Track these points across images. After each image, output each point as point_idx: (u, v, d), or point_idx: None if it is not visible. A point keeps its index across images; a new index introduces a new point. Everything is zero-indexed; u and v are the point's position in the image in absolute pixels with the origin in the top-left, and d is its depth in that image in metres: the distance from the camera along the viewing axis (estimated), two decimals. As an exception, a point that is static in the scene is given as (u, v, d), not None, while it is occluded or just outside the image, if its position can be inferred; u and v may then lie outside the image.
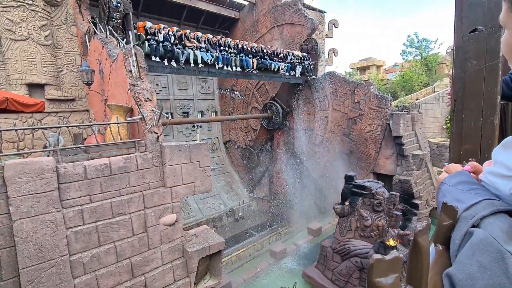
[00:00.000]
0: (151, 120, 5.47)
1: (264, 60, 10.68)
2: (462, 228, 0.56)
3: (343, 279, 7.18)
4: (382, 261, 0.46)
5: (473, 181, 0.75)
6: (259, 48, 10.79)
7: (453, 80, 1.06)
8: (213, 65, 9.14)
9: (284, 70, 11.41)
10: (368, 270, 0.47)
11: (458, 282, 0.47)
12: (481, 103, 0.95)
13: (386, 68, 36.21)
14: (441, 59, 24.36)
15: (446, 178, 0.80)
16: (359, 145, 11.86)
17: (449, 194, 0.72)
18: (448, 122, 15.96)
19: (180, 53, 8.12)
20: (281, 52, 11.49)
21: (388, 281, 0.45)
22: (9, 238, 3.86)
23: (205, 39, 9.12)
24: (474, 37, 0.94)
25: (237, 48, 10.08)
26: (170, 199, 5.45)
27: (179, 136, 16.51)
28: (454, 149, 1.00)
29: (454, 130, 1.02)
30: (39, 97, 9.56)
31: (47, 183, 4.07)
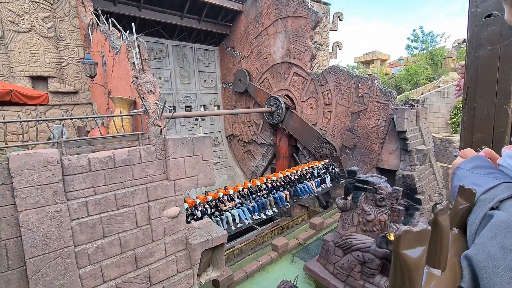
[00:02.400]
0: (154, 113, 5.47)
1: (296, 188, 10.58)
2: (480, 211, 0.55)
3: (345, 273, 7.22)
4: (410, 233, 0.45)
5: (490, 165, 0.73)
6: (285, 177, 10.68)
7: (466, 67, 1.03)
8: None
9: (316, 192, 11.33)
10: (395, 241, 0.46)
11: (478, 263, 0.45)
12: (495, 91, 0.92)
13: (390, 62, 35.78)
14: (447, 53, 23.99)
15: (462, 163, 0.78)
16: (362, 140, 11.80)
17: (465, 178, 0.71)
18: (453, 117, 15.80)
19: (220, 221, 8.10)
20: (307, 171, 11.46)
21: (415, 254, 0.44)
22: (15, 228, 3.91)
23: (237, 195, 9.12)
24: (489, 22, 0.91)
25: (268, 187, 10.00)
26: (173, 192, 5.48)
27: (181, 130, 16.55)
28: (465, 137, 0.98)
29: (466, 118, 1.00)
30: (42, 89, 9.58)
31: (52, 175, 4.10)
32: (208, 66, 17.62)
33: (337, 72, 12.24)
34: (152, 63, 14.43)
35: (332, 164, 12.58)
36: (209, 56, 17.59)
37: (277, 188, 10.29)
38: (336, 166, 12.64)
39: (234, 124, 17.88)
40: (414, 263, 0.43)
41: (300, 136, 13.83)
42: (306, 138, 13.66)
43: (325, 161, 12.57)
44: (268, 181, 10.29)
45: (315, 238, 10.12)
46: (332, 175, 12.12)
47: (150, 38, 14.52)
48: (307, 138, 13.60)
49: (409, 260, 0.43)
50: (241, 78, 16.22)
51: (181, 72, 16.25)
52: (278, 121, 14.16)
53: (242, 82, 16.21)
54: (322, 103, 12.98)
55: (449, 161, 14.19)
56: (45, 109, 9.73)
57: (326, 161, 12.57)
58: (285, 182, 10.68)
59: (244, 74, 16.07)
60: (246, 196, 9.37)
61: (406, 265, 0.43)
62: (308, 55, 12.96)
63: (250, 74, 16.00)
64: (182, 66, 16.29)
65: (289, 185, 10.61)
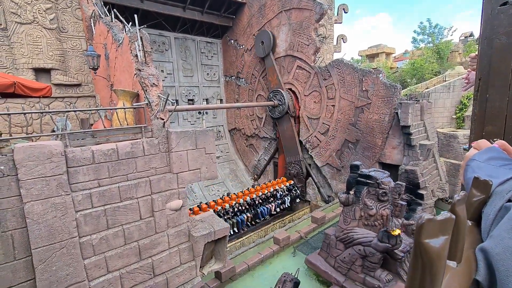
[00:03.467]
0: (157, 106, 5.46)
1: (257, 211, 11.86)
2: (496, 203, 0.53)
3: (346, 266, 7.27)
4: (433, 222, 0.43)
5: (505, 156, 0.71)
6: (251, 199, 11.82)
7: (479, 57, 1.00)
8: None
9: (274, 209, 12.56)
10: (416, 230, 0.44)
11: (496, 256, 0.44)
12: (508, 82, 0.89)
13: (396, 56, 35.29)
14: (454, 46, 23.57)
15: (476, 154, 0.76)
16: (365, 135, 11.73)
17: (480, 170, 0.69)
18: (458, 112, 15.62)
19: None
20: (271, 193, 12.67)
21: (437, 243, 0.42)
22: (20, 219, 3.96)
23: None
24: (505, 10, 0.88)
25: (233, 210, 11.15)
26: (176, 185, 5.51)
27: (184, 123, 16.57)
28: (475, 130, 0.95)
29: (477, 110, 0.97)
30: (46, 82, 9.59)
31: (56, 167, 4.13)
32: (211, 59, 17.50)
33: (341, 66, 12.09)
34: (154, 56, 14.36)
35: (295, 186, 13.81)
36: (211, 49, 17.46)
37: (241, 211, 11.32)
38: (299, 188, 13.89)
39: (236, 118, 17.85)
40: (437, 253, 0.42)
41: (285, 143, 14.59)
42: (289, 149, 14.52)
43: (290, 182, 13.78)
44: (235, 204, 11.28)
45: (317, 232, 10.17)
46: (292, 197, 13.32)
47: (152, 31, 14.42)
48: (290, 150, 14.50)
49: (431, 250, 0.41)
50: (263, 40, 14.33)
51: (183, 65, 16.17)
52: (280, 116, 14.15)
53: (264, 46, 14.30)
54: (325, 97, 12.88)
55: (453, 156, 14.09)
56: (48, 102, 9.76)
57: (292, 182, 13.80)
58: (249, 205, 11.67)
59: (268, 36, 14.05)
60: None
61: (428, 255, 0.42)
62: (312, 48, 12.80)
63: (276, 39, 14.19)
64: (185, 59, 16.20)
65: (251, 208, 11.66)
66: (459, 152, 13.88)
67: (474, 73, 1.83)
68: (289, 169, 14.69)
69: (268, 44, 14.04)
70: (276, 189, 12.90)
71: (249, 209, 11.51)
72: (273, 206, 12.31)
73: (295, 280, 6.83)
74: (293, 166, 14.54)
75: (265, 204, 12.11)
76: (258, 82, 15.96)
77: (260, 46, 14.54)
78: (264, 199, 12.24)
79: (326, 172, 13.48)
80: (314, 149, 13.70)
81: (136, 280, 5.05)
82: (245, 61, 16.34)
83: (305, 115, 13.86)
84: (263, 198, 12.19)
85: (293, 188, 13.70)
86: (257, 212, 11.64)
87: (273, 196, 12.63)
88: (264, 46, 14.27)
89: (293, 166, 14.50)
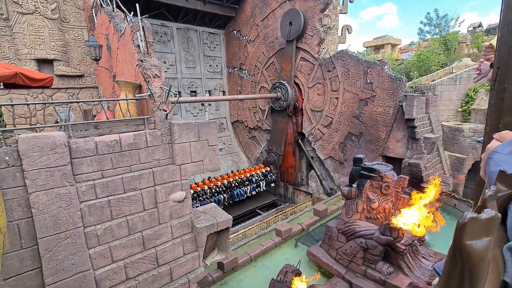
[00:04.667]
0: (159, 97, 5.42)
1: (233, 193, 13.30)
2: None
3: (347, 259, 7.33)
4: (477, 221, 0.39)
5: None
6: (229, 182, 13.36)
7: (498, 45, 0.95)
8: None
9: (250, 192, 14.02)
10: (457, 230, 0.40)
11: None
12: (529, 71, 0.85)
13: (401, 47, 34.64)
14: (461, 38, 23.04)
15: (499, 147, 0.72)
16: (369, 127, 11.63)
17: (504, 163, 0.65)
18: (464, 105, 15.38)
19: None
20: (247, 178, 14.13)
21: (481, 245, 0.38)
22: (26, 209, 4.01)
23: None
24: (528, -5, 0.83)
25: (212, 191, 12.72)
26: (179, 177, 5.52)
27: (187, 115, 16.53)
28: (491, 122, 0.91)
29: (493, 101, 0.93)
30: (48, 72, 9.57)
31: (60, 158, 4.14)
32: (214, 50, 17.30)
33: (345, 57, 11.90)
34: (156, 47, 14.22)
35: (271, 171, 15.22)
36: (214, 39, 17.23)
37: (219, 192, 12.80)
38: (274, 174, 15.32)
39: (239, 110, 17.75)
40: (480, 256, 0.38)
41: (274, 132, 15.29)
42: (274, 140, 15.35)
43: (266, 169, 15.23)
44: (213, 186, 12.74)
45: (319, 224, 10.23)
46: (267, 181, 14.82)
47: (154, 21, 14.23)
48: (275, 140, 15.31)
49: (474, 253, 0.38)
50: (293, 22, 12.54)
51: (186, 56, 16.02)
52: (283, 108, 14.07)
53: (292, 29, 12.53)
54: (329, 89, 12.73)
55: (458, 150, 13.95)
56: (51, 93, 9.76)
57: (268, 169, 15.26)
58: (226, 187, 13.10)
59: (298, 19, 12.20)
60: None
61: (470, 258, 0.38)
62: (316, 39, 12.57)
63: (307, 19, 12.45)
64: (187, 50, 16.02)
65: (228, 190, 13.15)
66: (464, 146, 13.73)
67: (486, 63, 1.77)
68: (267, 156, 15.86)
69: (297, 28, 12.44)
70: (252, 175, 14.27)
71: (226, 191, 13.01)
72: (249, 189, 13.81)
73: (297, 271, 6.91)
74: (271, 155, 15.57)
75: (241, 187, 13.60)
76: (261, 74, 15.80)
77: (286, 26, 12.88)
78: (240, 182, 13.71)
79: (328, 165, 13.46)
80: (317, 141, 13.64)
81: (140, 269, 5.13)
82: (248, 52, 16.13)
83: (308, 107, 13.74)
84: (239, 182, 13.67)
85: (268, 174, 15.02)
86: (233, 194, 13.16)
87: (249, 181, 14.02)
88: (291, 29, 12.57)
89: (272, 154, 15.54)
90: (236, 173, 14.23)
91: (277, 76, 14.64)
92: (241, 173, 14.31)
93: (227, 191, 13.08)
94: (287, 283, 6.51)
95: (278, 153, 15.21)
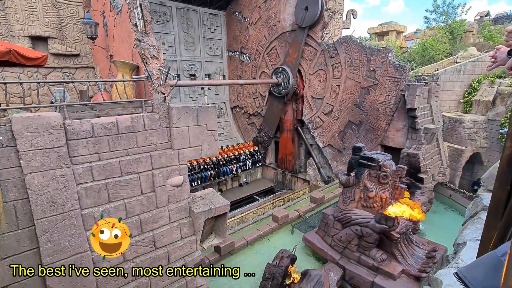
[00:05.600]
0: (157, 79, 5.27)
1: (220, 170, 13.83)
2: None
3: (342, 245, 7.46)
4: None
5: None
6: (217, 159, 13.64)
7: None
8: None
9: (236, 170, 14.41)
10: None
11: None
12: None
13: (406, 35, 33.85)
14: (468, 27, 22.48)
15: None
16: (369, 116, 11.54)
17: None
18: (467, 96, 15.23)
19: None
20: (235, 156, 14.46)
21: None
22: (22, 190, 3.97)
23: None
24: None
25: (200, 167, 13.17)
26: (177, 161, 5.47)
27: (186, 99, 16.30)
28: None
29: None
30: (43, 51, 9.27)
31: (55, 139, 4.06)
32: (214, 32, 16.81)
33: (349, 43, 11.60)
34: (155, 27, 13.76)
35: (258, 151, 15.60)
36: (215, 21, 16.70)
37: (207, 169, 13.23)
38: (261, 154, 15.73)
39: (239, 95, 17.51)
40: None
41: (268, 115, 15.38)
42: (267, 122, 15.49)
43: (255, 148, 15.54)
44: (202, 162, 13.02)
45: (315, 211, 10.35)
46: (254, 161, 15.23)
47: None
48: (268, 123, 15.46)
49: None
50: (309, 6, 11.89)
51: (185, 38, 15.57)
52: (281, 95, 13.87)
53: (306, 15, 11.96)
54: (331, 76, 12.50)
55: (457, 141, 13.95)
56: (47, 72, 9.51)
57: (256, 148, 15.56)
58: (214, 164, 13.51)
59: (316, 5, 11.61)
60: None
61: None
62: (320, 23, 12.20)
63: (323, 12, 11.87)
64: (187, 31, 15.55)
65: (216, 167, 13.59)
66: (463, 137, 13.72)
67: (503, 51, 1.66)
68: (258, 135, 16.15)
69: (312, 16, 11.79)
70: (240, 153, 14.64)
71: (213, 167, 13.49)
72: (235, 167, 14.24)
73: (292, 256, 7.04)
74: (262, 135, 15.88)
75: (228, 165, 14.03)
76: (262, 59, 15.45)
77: (301, 10, 12.17)
78: (228, 160, 14.08)
79: (327, 153, 13.46)
80: (317, 129, 13.56)
81: (138, 252, 5.18)
82: (249, 36, 15.70)
83: (309, 94, 13.55)
84: (227, 160, 14.04)
85: (255, 154, 15.37)
86: (219, 171, 13.69)
87: (236, 159, 14.40)
88: (306, 15, 11.91)
89: (262, 135, 15.84)
90: (225, 149, 14.59)
91: (279, 61, 14.32)
92: (230, 149, 14.69)
93: (214, 168, 13.49)
94: (283, 267, 6.65)
95: (269, 135, 15.41)
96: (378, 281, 6.59)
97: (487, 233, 1.25)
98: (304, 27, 12.48)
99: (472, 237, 2.50)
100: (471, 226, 2.70)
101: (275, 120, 14.96)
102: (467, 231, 2.64)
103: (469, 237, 2.50)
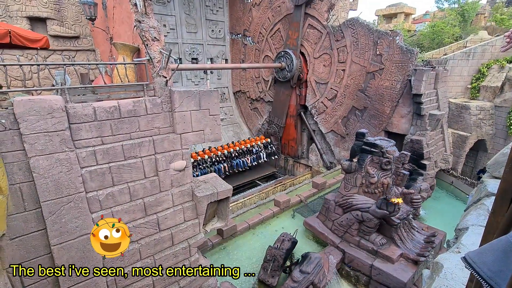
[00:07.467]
0: (159, 62, 5.17)
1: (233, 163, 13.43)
2: None
3: (342, 230, 7.58)
4: None
5: None
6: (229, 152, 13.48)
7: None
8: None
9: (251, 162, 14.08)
10: None
11: None
12: None
13: (415, 18, 32.67)
14: (480, 9, 21.58)
15: None
16: (374, 102, 11.36)
17: None
18: (475, 81, 14.87)
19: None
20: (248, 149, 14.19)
21: None
22: (27, 173, 4.01)
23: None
24: None
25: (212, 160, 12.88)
26: (180, 146, 5.47)
27: (188, 84, 16.11)
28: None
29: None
30: (42, 32, 9.09)
31: (58, 122, 4.05)
32: (216, 14, 16.33)
33: (355, 26, 11.23)
34: (156, 8, 13.38)
35: (271, 143, 15.24)
36: (217, 2, 16.17)
37: (219, 162, 12.96)
38: (274, 145, 15.36)
39: (242, 80, 17.25)
40: None
41: (276, 104, 15.05)
42: (276, 111, 15.16)
43: (267, 140, 15.14)
44: (213, 155, 12.87)
45: (317, 196, 10.45)
46: (267, 153, 14.85)
47: (153, -22, 13.21)
48: (277, 112, 15.13)
49: None
50: None
51: (187, 20, 15.15)
52: (286, 79, 13.62)
53: None
54: (336, 61, 12.21)
55: (462, 128, 13.77)
56: (47, 54, 9.38)
57: (268, 140, 15.17)
58: (226, 157, 13.24)
59: None
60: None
61: None
62: (326, 4, 11.77)
63: None
64: (188, 13, 15.11)
65: (228, 160, 13.30)
66: (468, 124, 13.53)
67: None
68: (268, 128, 15.95)
69: None
70: (253, 145, 14.43)
71: (226, 160, 13.24)
72: (249, 159, 14.06)
73: (293, 240, 7.18)
74: (272, 126, 15.64)
75: (241, 158, 13.78)
76: (265, 42, 15.07)
77: None
78: (241, 153, 13.87)
79: (330, 139, 13.41)
80: (320, 115, 13.43)
81: (142, 233, 5.30)
82: (252, 18, 15.24)
83: (313, 79, 13.31)
84: (240, 152, 13.84)
85: (268, 145, 15.08)
86: (232, 164, 13.40)
87: (249, 152, 14.24)
88: None
89: (273, 126, 15.60)
90: (236, 144, 14.26)
91: (283, 44, 13.96)
92: (242, 143, 14.35)
93: (227, 161, 13.22)
94: (284, 250, 6.80)
95: (279, 125, 15.13)
96: (376, 264, 6.74)
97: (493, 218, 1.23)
98: (299, 4, 12.21)
99: (474, 222, 2.50)
100: (474, 212, 2.70)
101: (283, 108, 14.70)
102: (469, 217, 2.64)
103: (471, 223, 2.51)
